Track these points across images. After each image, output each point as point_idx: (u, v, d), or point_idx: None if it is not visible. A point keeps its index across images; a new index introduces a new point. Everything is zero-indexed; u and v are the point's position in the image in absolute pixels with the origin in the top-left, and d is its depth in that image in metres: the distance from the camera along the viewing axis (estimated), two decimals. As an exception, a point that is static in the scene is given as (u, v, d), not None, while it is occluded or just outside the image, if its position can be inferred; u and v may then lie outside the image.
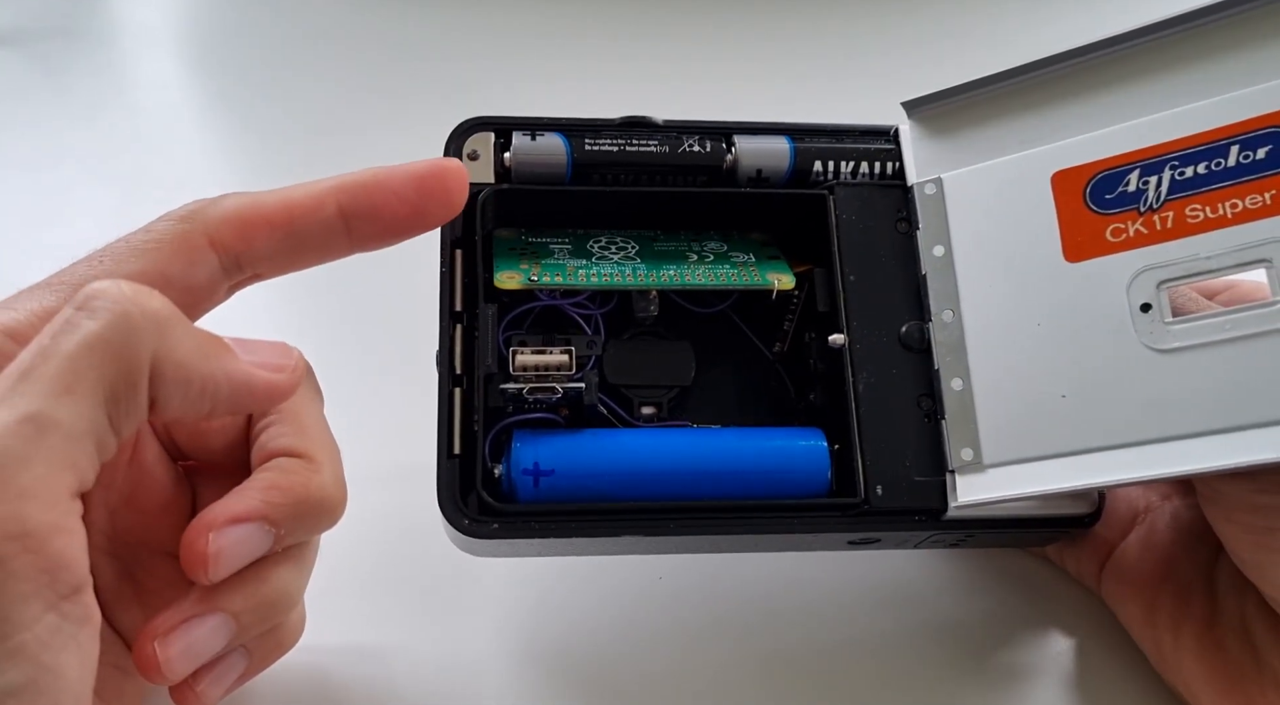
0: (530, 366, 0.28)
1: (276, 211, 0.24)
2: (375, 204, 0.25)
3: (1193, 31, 0.27)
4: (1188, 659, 0.29)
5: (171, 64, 0.51)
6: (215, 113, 0.49)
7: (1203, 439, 0.25)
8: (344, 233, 0.25)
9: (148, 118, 0.48)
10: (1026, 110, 0.29)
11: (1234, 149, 0.26)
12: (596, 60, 0.50)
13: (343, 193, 0.25)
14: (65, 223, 0.43)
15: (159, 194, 0.44)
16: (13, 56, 0.50)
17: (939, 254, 0.30)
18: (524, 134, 0.30)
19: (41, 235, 0.43)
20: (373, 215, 0.25)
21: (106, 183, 0.45)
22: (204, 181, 0.46)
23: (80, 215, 0.44)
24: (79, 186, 0.45)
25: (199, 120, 0.49)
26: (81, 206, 0.44)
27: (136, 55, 0.52)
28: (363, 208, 0.25)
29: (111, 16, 0.53)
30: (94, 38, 0.52)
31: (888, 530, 0.28)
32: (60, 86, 0.49)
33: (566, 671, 0.31)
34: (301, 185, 0.25)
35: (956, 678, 0.31)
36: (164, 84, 0.50)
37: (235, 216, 0.24)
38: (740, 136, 0.31)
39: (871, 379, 0.29)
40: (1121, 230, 0.27)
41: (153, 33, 0.52)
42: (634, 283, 0.29)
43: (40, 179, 0.45)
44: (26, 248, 0.42)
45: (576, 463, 0.27)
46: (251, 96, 0.49)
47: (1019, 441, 0.27)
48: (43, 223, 0.43)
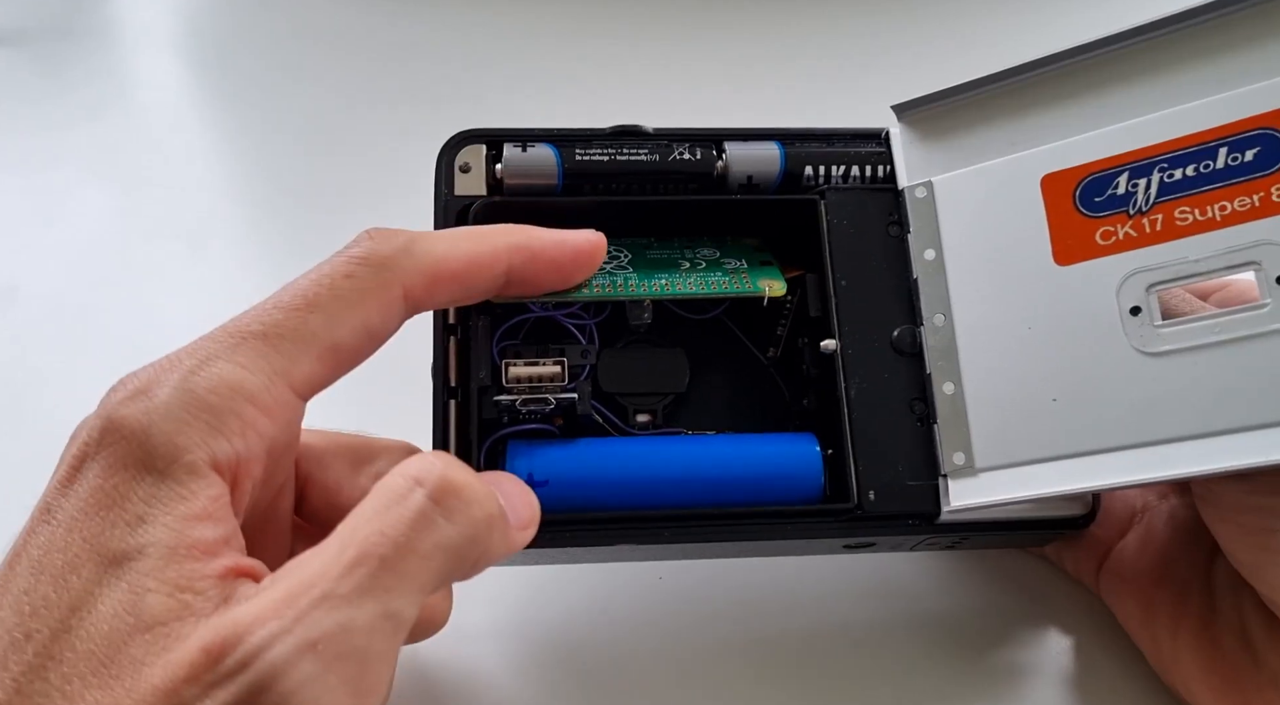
0: (523, 378, 0.28)
1: (462, 269, 0.25)
2: (537, 270, 0.26)
3: (1181, 33, 0.27)
4: (1185, 657, 0.29)
5: (171, 64, 0.51)
6: (215, 113, 0.49)
7: (1193, 442, 0.25)
8: (500, 288, 0.26)
9: (148, 118, 0.48)
10: (1016, 113, 0.29)
11: (1222, 151, 0.26)
12: (588, 67, 0.50)
13: (515, 255, 0.25)
14: (65, 223, 0.43)
15: (159, 194, 0.44)
16: (13, 56, 0.51)
17: (930, 258, 0.30)
18: (515, 146, 0.30)
19: (41, 235, 0.43)
20: (531, 279, 0.26)
21: (106, 183, 0.45)
22: (204, 181, 0.46)
23: (80, 215, 0.44)
24: (79, 186, 0.45)
25: (199, 120, 0.49)
26: (81, 206, 0.44)
27: (136, 55, 0.52)
28: (526, 271, 0.26)
29: (111, 16, 0.53)
30: (94, 38, 0.52)
31: (882, 535, 0.29)
32: (60, 86, 0.49)
33: (566, 671, 0.31)
34: (478, 238, 0.25)
35: (956, 678, 0.31)
36: (164, 84, 0.50)
37: (430, 272, 0.24)
38: (730, 143, 0.31)
39: (864, 384, 0.29)
40: (1111, 233, 0.27)
41: (153, 33, 0.52)
42: (626, 293, 0.29)
43: (40, 179, 0.45)
44: (26, 248, 0.42)
45: (571, 473, 0.28)
46: (251, 96, 0.49)
47: (1011, 445, 0.28)
48: (43, 223, 0.44)
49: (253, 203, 0.46)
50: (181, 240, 0.44)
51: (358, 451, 0.27)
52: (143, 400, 0.20)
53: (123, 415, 0.20)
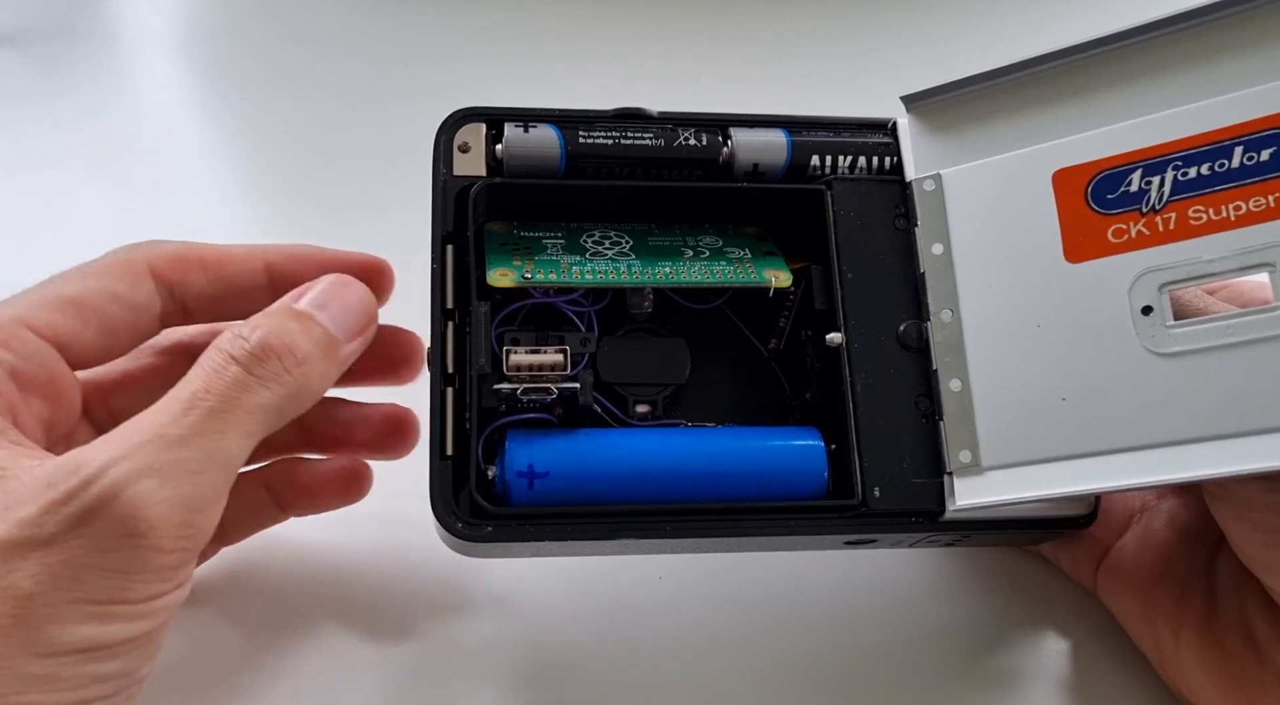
0: (524, 366, 0.28)
1: (213, 256, 0.29)
2: (301, 272, 0.29)
3: (1197, 29, 0.27)
4: (1188, 656, 0.29)
5: (171, 64, 0.51)
6: (215, 113, 0.49)
7: (1204, 444, 0.25)
8: (268, 288, 0.29)
9: (148, 118, 0.48)
10: (1028, 107, 0.29)
11: (1238, 150, 0.26)
12: (592, 50, 0.50)
13: (274, 253, 0.29)
14: (65, 223, 0.43)
15: (159, 194, 0.44)
16: (13, 56, 0.50)
17: (938, 252, 0.29)
18: (516, 126, 0.29)
19: (41, 235, 0.43)
20: (291, 277, 0.28)
21: (106, 183, 0.45)
22: (204, 181, 0.45)
23: (80, 215, 0.43)
24: (79, 186, 0.45)
25: (199, 120, 0.48)
26: (81, 206, 0.44)
27: (136, 55, 0.51)
28: (286, 268, 0.29)
29: (111, 16, 0.53)
30: (94, 38, 0.51)
31: (884, 532, 0.28)
32: (60, 86, 0.49)
33: (566, 671, 0.31)
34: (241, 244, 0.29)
35: (954, 678, 0.31)
36: (164, 84, 0.50)
37: (178, 254, 0.28)
38: (737, 129, 0.30)
39: (869, 379, 0.29)
40: (1123, 231, 0.27)
41: (153, 33, 0.52)
42: (629, 280, 0.28)
43: (40, 179, 0.45)
44: (26, 248, 0.42)
45: (571, 465, 0.27)
46: (251, 96, 0.49)
47: (1018, 444, 0.27)
48: (43, 223, 0.43)
49: (253, 203, 0.45)
50: (181, 240, 0.43)
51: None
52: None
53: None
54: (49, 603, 0.21)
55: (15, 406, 0.26)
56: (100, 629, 0.22)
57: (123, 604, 0.22)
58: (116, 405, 0.29)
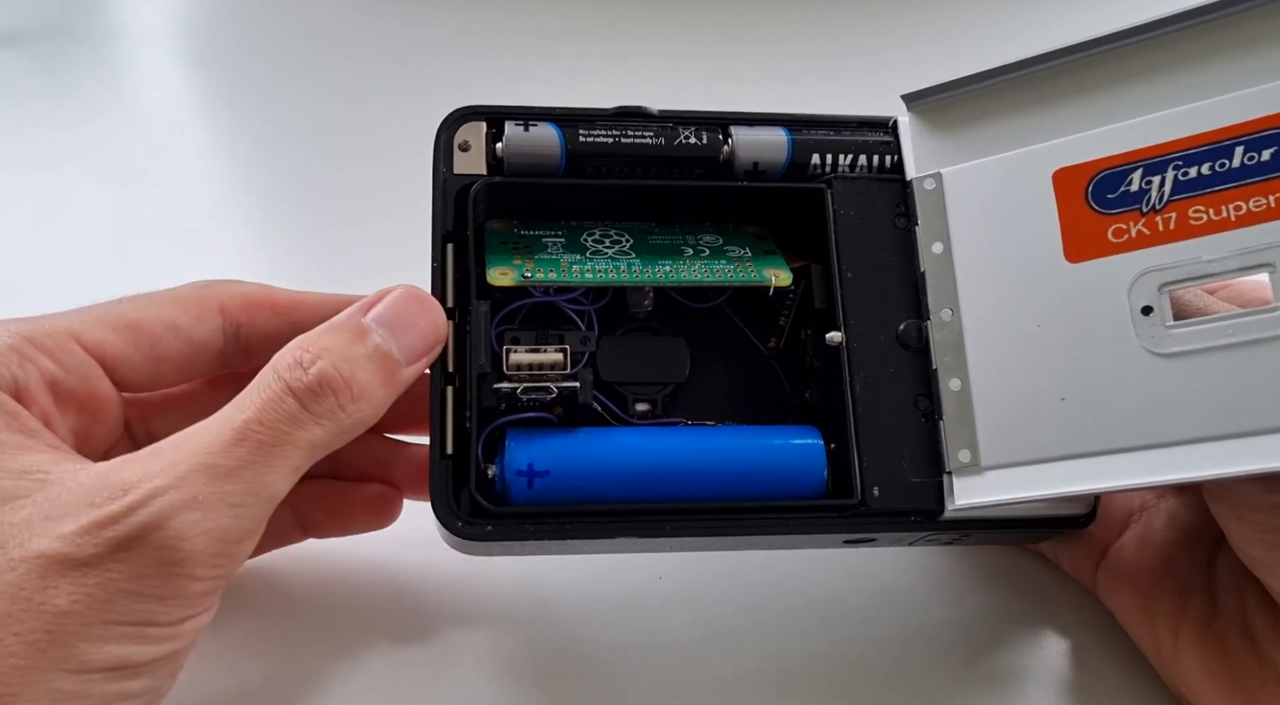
0: (525, 366, 0.28)
1: (282, 300, 0.29)
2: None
3: (1198, 28, 0.27)
4: (1188, 655, 0.29)
5: (171, 64, 0.51)
6: (215, 113, 0.49)
7: (1204, 445, 0.25)
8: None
9: (148, 118, 0.48)
10: (1029, 106, 0.29)
11: (1239, 150, 0.26)
12: (592, 50, 0.50)
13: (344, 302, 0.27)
14: (65, 223, 0.43)
15: (159, 194, 0.44)
16: (13, 56, 0.50)
17: (938, 251, 0.29)
18: (517, 124, 0.29)
19: (41, 235, 0.43)
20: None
21: (106, 183, 0.45)
22: (204, 181, 0.45)
23: (80, 215, 0.43)
24: (79, 186, 0.45)
25: (199, 120, 0.48)
26: (81, 206, 0.44)
27: (136, 55, 0.51)
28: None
29: (111, 16, 0.53)
30: (94, 38, 0.51)
31: (884, 531, 0.28)
32: (60, 86, 0.49)
33: (565, 671, 0.31)
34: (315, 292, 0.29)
35: (953, 678, 0.31)
36: (164, 84, 0.50)
37: (252, 295, 0.29)
38: (737, 127, 0.30)
39: (869, 378, 0.29)
40: (1123, 231, 0.27)
41: (153, 33, 0.52)
42: (629, 279, 0.28)
43: (40, 179, 0.45)
44: (26, 248, 0.42)
45: (571, 464, 0.27)
46: (251, 96, 0.49)
47: (1018, 444, 0.27)
48: (43, 223, 0.43)
49: (252, 202, 0.45)
50: (181, 240, 0.43)
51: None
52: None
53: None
54: (83, 622, 0.21)
55: (49, 414, 0.26)
56: (130, 649, 0.22)
57: (154, 626, 0.22)
58: (156, 425, 0.29)
